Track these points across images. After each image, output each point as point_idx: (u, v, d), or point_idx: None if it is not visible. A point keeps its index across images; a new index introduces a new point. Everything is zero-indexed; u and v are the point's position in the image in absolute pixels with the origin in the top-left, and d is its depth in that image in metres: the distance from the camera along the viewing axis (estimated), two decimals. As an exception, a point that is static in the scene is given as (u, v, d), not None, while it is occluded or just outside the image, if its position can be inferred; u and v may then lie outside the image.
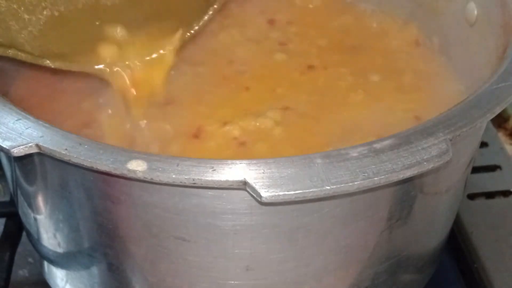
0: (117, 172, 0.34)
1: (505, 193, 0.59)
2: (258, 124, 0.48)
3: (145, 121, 0.48)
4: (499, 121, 0.67)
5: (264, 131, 0.47)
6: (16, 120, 0.37)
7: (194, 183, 0.33)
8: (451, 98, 0.49)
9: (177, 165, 0.34)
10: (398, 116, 0.49)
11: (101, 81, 0.49)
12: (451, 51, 0.54)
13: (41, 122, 0.37)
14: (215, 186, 0.34)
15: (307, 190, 0.33)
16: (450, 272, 0.54)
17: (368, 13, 0.59)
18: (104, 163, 0.34)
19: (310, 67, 0.54)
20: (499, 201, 0.58)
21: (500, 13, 0.47)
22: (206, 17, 0.51)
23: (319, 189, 0.33)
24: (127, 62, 0.48)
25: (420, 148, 0.35)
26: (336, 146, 0.43)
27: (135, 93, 0.48)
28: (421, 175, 0.36)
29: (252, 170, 0.34)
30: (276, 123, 0.48)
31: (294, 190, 0.33)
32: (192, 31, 0.50)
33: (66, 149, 0.35)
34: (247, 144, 0.47)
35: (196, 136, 0.47)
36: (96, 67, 0.48)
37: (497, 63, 0.43)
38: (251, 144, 0.47)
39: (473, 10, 0.50)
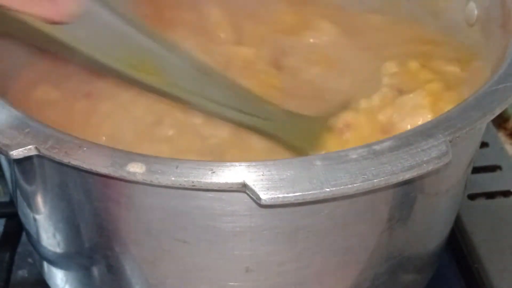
0: (116, 174, 0.34)
1: (505, 193, 0.58)
2: None
3: None
4: (499, 121, 0.67)
5: None
6: (16, 122, 0.37)
7: (194, 186, 0.33)
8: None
9: (177, 168, 0.34)
10: None
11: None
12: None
13: (40, 125, 0.36)
14: (215, 188, 0.34)
15: (306, 192, 0.33)
16: (450, 272, 0.53)
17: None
18: (103, 166, 0.34)
19: None
20: (499, 201, 0.58)
21: (500, 13, 0.47)
22: None
23: (318, 191, 0.33)
24: None
25: (419, 149, 0.35)
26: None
27: None
28: (421, 177, 0.36)
29: (252, 172, 0.33)
30: None
31: (294, 192, 0.33)
32: None
33: (65, 152, 0.35)
34: None
35: None
36: None
37: (497, 63, 0.43)
38: None
39: (473, 10, 0.50)
